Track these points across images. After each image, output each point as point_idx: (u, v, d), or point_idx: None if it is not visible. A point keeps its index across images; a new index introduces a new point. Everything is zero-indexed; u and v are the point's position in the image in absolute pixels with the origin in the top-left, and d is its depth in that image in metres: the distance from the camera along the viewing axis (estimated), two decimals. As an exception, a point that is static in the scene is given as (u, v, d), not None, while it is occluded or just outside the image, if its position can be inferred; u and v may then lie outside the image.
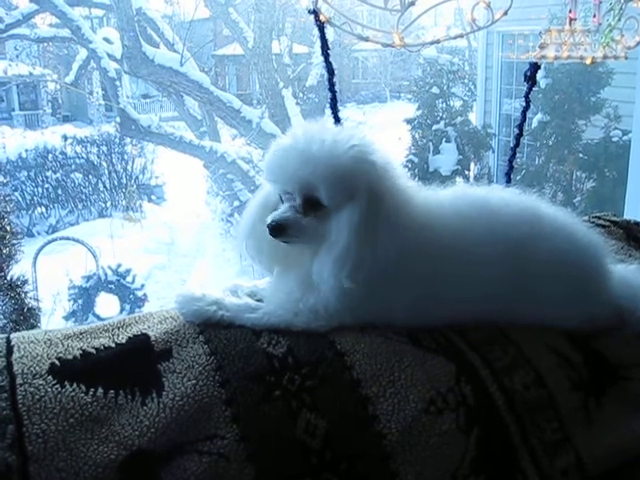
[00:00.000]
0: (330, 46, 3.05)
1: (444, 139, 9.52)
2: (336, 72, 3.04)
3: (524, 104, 3.31)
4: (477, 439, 1.01)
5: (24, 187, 12.44)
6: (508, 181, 3.48)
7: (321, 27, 2.89)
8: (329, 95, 3.04)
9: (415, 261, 1.14)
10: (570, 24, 3.20)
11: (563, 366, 1.13)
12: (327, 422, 0.99)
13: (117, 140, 13.24)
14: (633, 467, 1.08)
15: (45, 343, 1.08)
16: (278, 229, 1.15)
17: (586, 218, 1.64)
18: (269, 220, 1.16)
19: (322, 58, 3.04)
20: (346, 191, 1.13)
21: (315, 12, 2.84)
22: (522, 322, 1.17)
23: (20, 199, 12.21)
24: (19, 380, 0.99)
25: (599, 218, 1.73)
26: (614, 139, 8.18)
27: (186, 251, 12.11)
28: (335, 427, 1.00)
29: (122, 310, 8.53)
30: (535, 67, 3.20)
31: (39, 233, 12.03)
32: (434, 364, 1.08)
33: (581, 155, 8.62)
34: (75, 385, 1.00)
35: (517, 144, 3.40)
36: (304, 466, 0.96)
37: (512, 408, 1.06)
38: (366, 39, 3.02)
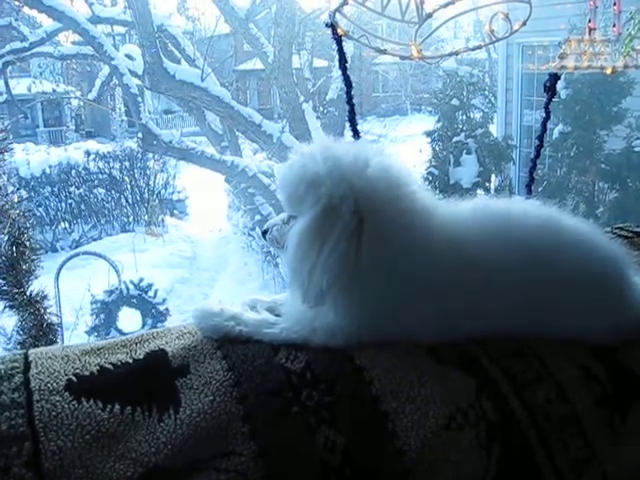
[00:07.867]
0: (349, 60, 3.06)
1: (465, 151, 9.48)
2: (356, 85, 3.05)
3: (544, 115, 3.29)
4: (499, 456, 0.99)
5: (48, 203, 12.64)
6: (529, 193, 3.44)
7: (338, 40, 2.89)
8: (347, 108, 3.04)
9: (437, 278, 1.12)
10: (590, 34, 3.18)
11: (587, 380, 1.10)
12: (346, 438, 0.98)
13: (139, 155, 13.39)
14: (660, 485, 1.06)
15: (63, 359, 1.08)
16: (263, 232, 1.27)
17: (608, 229, 1.62)
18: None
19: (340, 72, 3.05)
20: (294, 198, 1.15)
21: (332, 25, 2.85)
22: (545, 335, 1.15)
23: (44, 215, 12.39)
24: (36, 396, 0.99)
25: (622, 229, 1.71)
26: (636, 149, 8.10)
27: (208, 265, 12.17)
28: (354, 443, 0.98)
29: (144, 325, 8.56)
30: (555, 77, 3.18)
31: (63, 248, 12.19)
32: (454, 379, 1.06)
33: (603, 166, 8.53)
34: (92, 401, 0.99)
35: (537, 155, 3.37)
36: (323, 484, 0.95)
37: (535, 424, 1.03)
38: (384, 52, 3.02)
